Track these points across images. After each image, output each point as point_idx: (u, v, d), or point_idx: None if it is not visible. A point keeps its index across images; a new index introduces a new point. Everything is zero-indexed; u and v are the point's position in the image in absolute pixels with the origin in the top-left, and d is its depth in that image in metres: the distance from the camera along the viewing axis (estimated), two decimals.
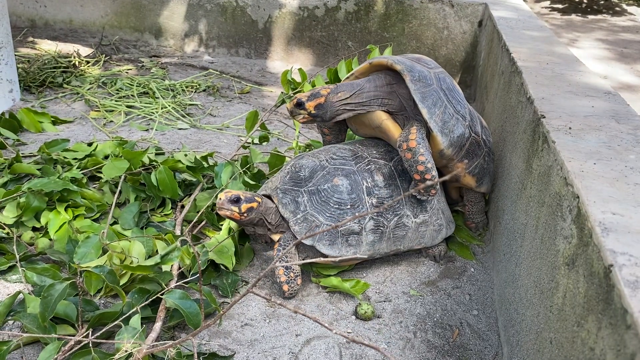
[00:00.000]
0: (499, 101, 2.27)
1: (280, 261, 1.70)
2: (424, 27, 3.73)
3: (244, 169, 2.21)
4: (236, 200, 1.66)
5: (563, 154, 1.28)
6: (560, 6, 8.12)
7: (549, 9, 7.83)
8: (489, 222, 2.13)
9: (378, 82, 1.81)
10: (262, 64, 4.04)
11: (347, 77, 1.92)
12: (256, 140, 2.62)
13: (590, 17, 7.29)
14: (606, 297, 0.89)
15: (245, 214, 1.66)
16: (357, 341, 0.87)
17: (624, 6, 8.22)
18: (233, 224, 1.94)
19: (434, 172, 1.74)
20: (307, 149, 2.52)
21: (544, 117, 1.52)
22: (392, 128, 1.81)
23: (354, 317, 1.68)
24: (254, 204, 1.67)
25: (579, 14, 7.45)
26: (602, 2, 8.53)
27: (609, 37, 5.98)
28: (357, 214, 1.76)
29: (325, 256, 1.77)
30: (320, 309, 1.71)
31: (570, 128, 1.45)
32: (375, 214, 1.77)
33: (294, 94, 2.58)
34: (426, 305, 1.74)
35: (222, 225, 1.99)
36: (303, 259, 1.80)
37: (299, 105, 1.77)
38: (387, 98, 1.82)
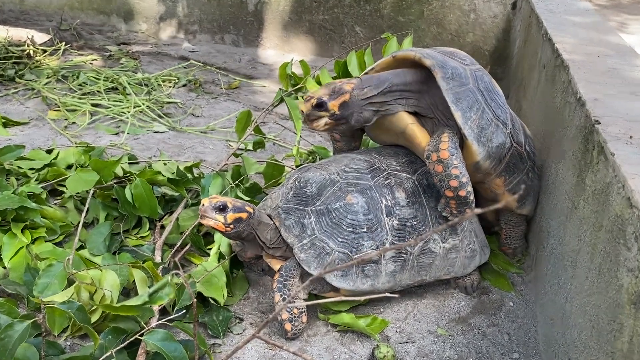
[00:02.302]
0: (540, 99, 2.28)
1: (282, 299, 1.70)
2: (446, 10, 3.76)
3: (236, 182, 2.20)
4: (222, 208, 1.68)
5: (625, 169, 1.29)
6: None
7: None
8: (529, 245, 2.13)
9: (408, 77, 1.82)
10: (252, 54, 4.05)
11: (367, 73, 1.92)
12: (249, 147, 2.61)
13: None
14: None
15: (231, 225, 1.69)
16: None
17: None
18: (224, 248, 1.94)
19: (470, 188, 1.74)
20: (310, 158, 2.53)
21: (599, 123, 1.53)
22: (419, 134, 1.81)
23: None
24: (243, 215, 1.69)
25: None
26: None
27: None
28: (375, 239, 1.76)
29: (336, 289, 1.77)
30: (330, 352, 1.71)
31: (631, 137, 1.45)
32: (396, 236, 1.78)
33: (295, 90, 2.58)
34: (457, 347, 1.74)
35: (210, 249, 1.98)
36: (309, 292, 1.80)
37: (320, 106, 1.73)
38: (415, 98, 1.82)
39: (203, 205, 1.69)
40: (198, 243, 2.01)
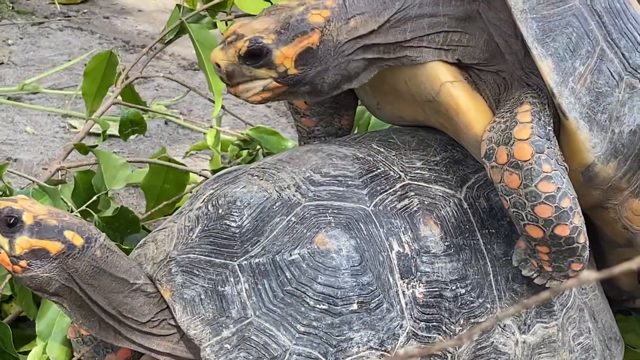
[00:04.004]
0: None
1: None
2: None
3: (83, 206, 2.23)
4: (11, 223, 1.71)
5: None
6: None
7: None
8: None
9: None
10: None
11: None
12: (113, 130, 2.61)
13: None
14: None
15: (22, 262, 1.71)
16: None
17: None
18: (55, 349, 1.97)
19: (577, 220, 1.75)
20: (245, 153, 2.56)
21: None
22: (467, 106, 1.83)
23: None
24: (53, 247, 1.72)
25: None
26: None
27: None
28: (376, 326, 1.75)
29: None
30: None
31: None
32: (422, 321, 1.77)
33: (211, 8, 2.55)
34: None
35: (27, 354, 1.98)
36: None
37: (256, 55, 1.75)
38: (458, 30, 1.83)
39: None
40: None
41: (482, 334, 1.81)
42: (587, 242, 1.78)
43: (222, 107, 2.50)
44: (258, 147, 2.53)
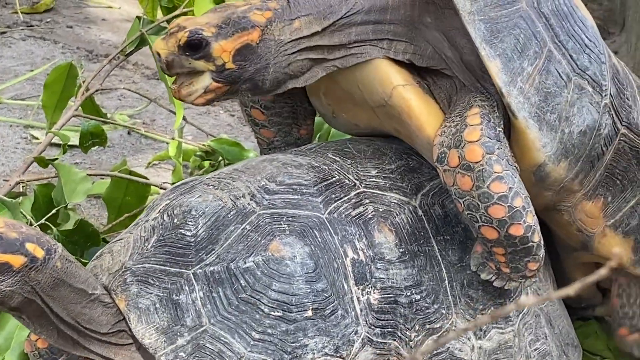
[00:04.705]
0: None
1: None
2: None
3: (43, 219, 2.22)
4: None
5: None
6: None
7: None
8: None
9: None
10: None
11: None
12: (74, 140, 2.60)
13: None
14: None
15: None
16: None
17: None
18: None
19: (531, 219, 1.76)
20: (208, 164, 2.56)
21: None
22: (419, 109, 1.83)
23: None
24: (17, 260, 1.69)
25: None
26: None
27: None
28: (331, 333, 1.75)
29: None
30: None
31: None
32: (377, 327, 1.77)
33: (171, 20, 2.53)
34: None
35: None
36: None
37: (194, 47, 1.77)
38: (407, 38, 1.84)
39: None
40: None
41: (438, 338, 1.81)
42: (542, 241, 1.79)
43: (184, 118, 2.50)
44: (220, 158, 2.53)
